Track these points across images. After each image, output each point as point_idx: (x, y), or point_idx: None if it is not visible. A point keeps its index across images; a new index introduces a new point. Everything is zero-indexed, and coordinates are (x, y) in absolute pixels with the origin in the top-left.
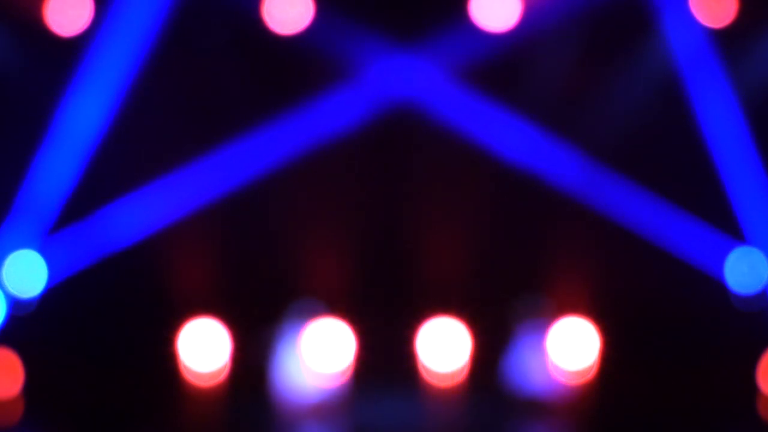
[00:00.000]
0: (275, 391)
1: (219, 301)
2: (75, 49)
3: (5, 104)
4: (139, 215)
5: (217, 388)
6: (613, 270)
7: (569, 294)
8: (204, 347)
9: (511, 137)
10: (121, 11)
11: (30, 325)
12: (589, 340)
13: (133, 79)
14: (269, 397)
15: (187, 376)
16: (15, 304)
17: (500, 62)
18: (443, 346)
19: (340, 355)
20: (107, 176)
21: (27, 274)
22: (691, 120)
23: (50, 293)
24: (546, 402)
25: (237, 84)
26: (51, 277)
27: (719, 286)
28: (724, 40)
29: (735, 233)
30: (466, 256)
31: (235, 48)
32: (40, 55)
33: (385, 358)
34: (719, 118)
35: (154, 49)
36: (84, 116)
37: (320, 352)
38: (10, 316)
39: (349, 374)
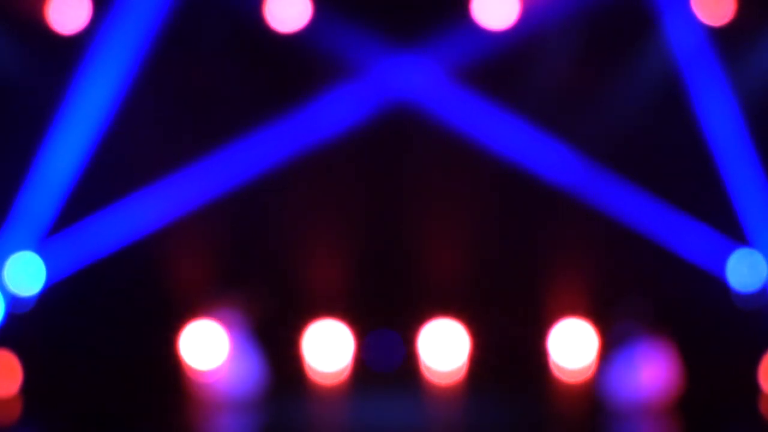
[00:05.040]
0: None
1: (218, 303)
2: (75, 48)
3: (6, 106)
4: (138, 216)
5: (216, 388)
6: (613, 271)
7: (569, 295)
8: (204, 348)
9: (511, 137)
10: (120, 10)
11: (27, 327)
12: (588, 341)
13: (133, 79)
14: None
15: (188, 376)
16: (14, 302)
17: (501, 61)
18: (442, 347)
19: (340, 355)
20: (107, 177)
21: (25, 274)
22: (692, 120)
23: (48, 295)
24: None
25: (237, 83)
26: (49, 277)
27: (721, 287)
28: (724, 38)
29: (735, 234)
30: (466, 257)
31: (235, 47)
32: (41, 55)
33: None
34: (719, 117)
35: (154, 47)
36: (83, 117)
37: (320, 353)
38: (9, 315)
39: (348, 375)
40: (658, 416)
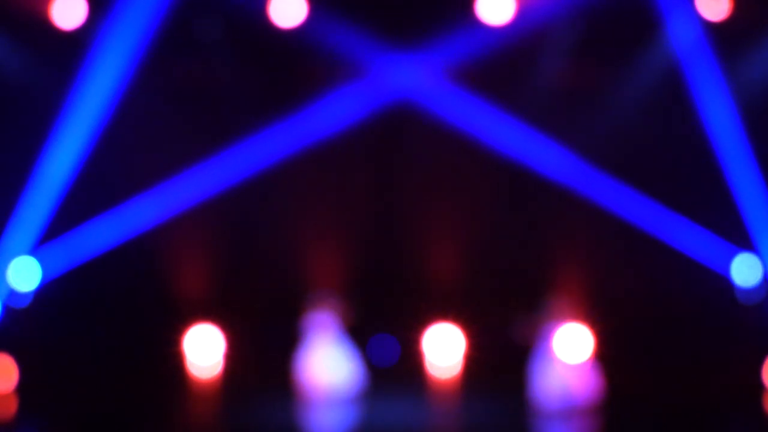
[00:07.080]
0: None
1: (217, 305)
2: (74, 46)
3: (7, 106)
4: (138, 215)
5: (206, 389)
6: (614, 272)
7: (569, 299)
8: (200, 349)
9: (514, 137)
10: (120, 7)
11: (23, 327)
12: (587, 344)
13: (134, 77)
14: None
15: (183, 375)
16: (11, 296)
17: (502, 60)
18: (440, 350)
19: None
20: (108, 176)
21: (22, 275)
22: (693, 119)
23: (43, 296)
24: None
25: (238, 80)
26: (45, 274)
27: (726, 289)
28: (725, 37)
29: (736, 233)
30: (466, 257)
31: (237, 43)
32: (42, 52)
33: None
34: (720, 117)
35: (153, 45)
36: (82, 116)
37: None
38: (6, 308)
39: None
40: (664, 414)
